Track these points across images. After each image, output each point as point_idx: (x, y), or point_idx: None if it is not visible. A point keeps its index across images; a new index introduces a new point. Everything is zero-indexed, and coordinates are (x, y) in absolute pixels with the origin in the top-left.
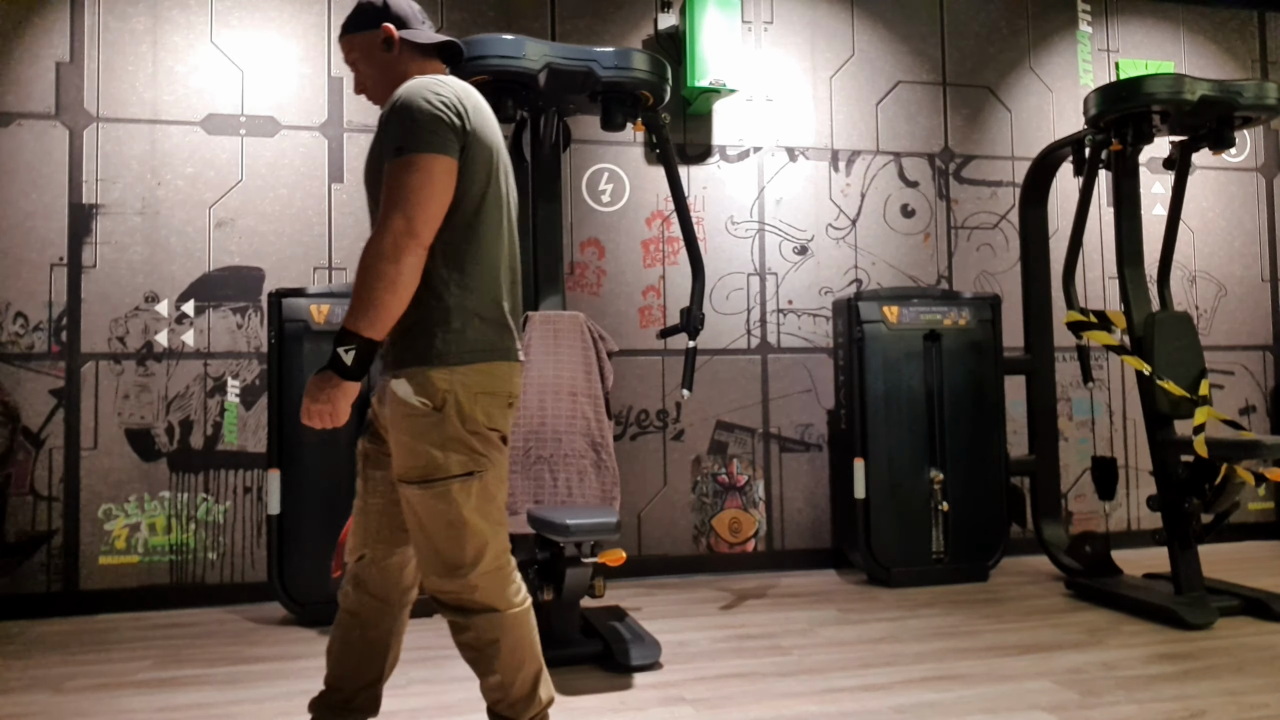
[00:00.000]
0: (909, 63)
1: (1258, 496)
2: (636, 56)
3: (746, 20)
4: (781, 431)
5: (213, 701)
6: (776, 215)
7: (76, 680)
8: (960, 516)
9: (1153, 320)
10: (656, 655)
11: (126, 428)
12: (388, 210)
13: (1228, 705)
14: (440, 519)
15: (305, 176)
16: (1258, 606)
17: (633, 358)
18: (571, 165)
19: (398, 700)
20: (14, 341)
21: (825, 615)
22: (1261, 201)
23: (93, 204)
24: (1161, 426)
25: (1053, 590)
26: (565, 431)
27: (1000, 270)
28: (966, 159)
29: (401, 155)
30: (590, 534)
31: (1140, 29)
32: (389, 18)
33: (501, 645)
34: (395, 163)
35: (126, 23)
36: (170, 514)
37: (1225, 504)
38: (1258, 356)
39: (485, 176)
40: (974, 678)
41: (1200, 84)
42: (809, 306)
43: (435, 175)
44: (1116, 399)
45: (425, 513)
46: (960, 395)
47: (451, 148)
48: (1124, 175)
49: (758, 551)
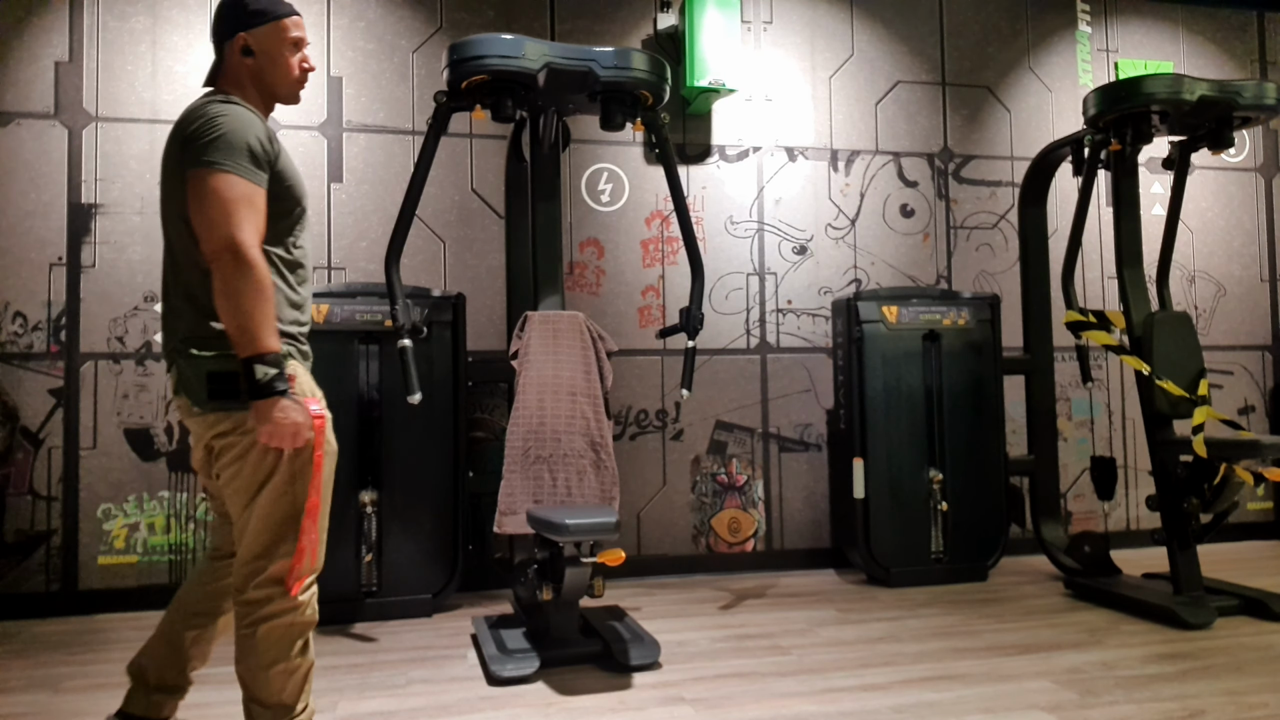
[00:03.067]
0: (908, 63)
1: (1256, 496)
2: (636, 56)
3: (746, 20)
4: (781, 431)
5: (212, 701)
6: (776, 215)
7: (76, 680)
8: (959, 516)
9: (1152, 320)
10: (656, 655)
11: (125, 427)
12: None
13: (1226, 705)
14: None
15: (304, 176)
16: (1257, 606)
17: (632, 358)
18: (571, 165)
19: (397, 700)
20: (13, 341)
21: (824, 615)
22: (1260, 201)
23: (92, 203)
24: (1160, 426)
25: (1052, 590)
26: (564, 431)
27: (999, 270)
28: (966, 159)
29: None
30: (589, 534)
31: (1139, 29)
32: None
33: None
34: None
35: (126, 22)
36: (169, 514)
37: (1224, 504)
38: (1256, 356)
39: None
40: (973, 677)
41: (1199, 84)
42: (808, 306)
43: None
44: (1115, 399)
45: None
46: (959, 395)
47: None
48: (1123, 175)
49: (757, 551)
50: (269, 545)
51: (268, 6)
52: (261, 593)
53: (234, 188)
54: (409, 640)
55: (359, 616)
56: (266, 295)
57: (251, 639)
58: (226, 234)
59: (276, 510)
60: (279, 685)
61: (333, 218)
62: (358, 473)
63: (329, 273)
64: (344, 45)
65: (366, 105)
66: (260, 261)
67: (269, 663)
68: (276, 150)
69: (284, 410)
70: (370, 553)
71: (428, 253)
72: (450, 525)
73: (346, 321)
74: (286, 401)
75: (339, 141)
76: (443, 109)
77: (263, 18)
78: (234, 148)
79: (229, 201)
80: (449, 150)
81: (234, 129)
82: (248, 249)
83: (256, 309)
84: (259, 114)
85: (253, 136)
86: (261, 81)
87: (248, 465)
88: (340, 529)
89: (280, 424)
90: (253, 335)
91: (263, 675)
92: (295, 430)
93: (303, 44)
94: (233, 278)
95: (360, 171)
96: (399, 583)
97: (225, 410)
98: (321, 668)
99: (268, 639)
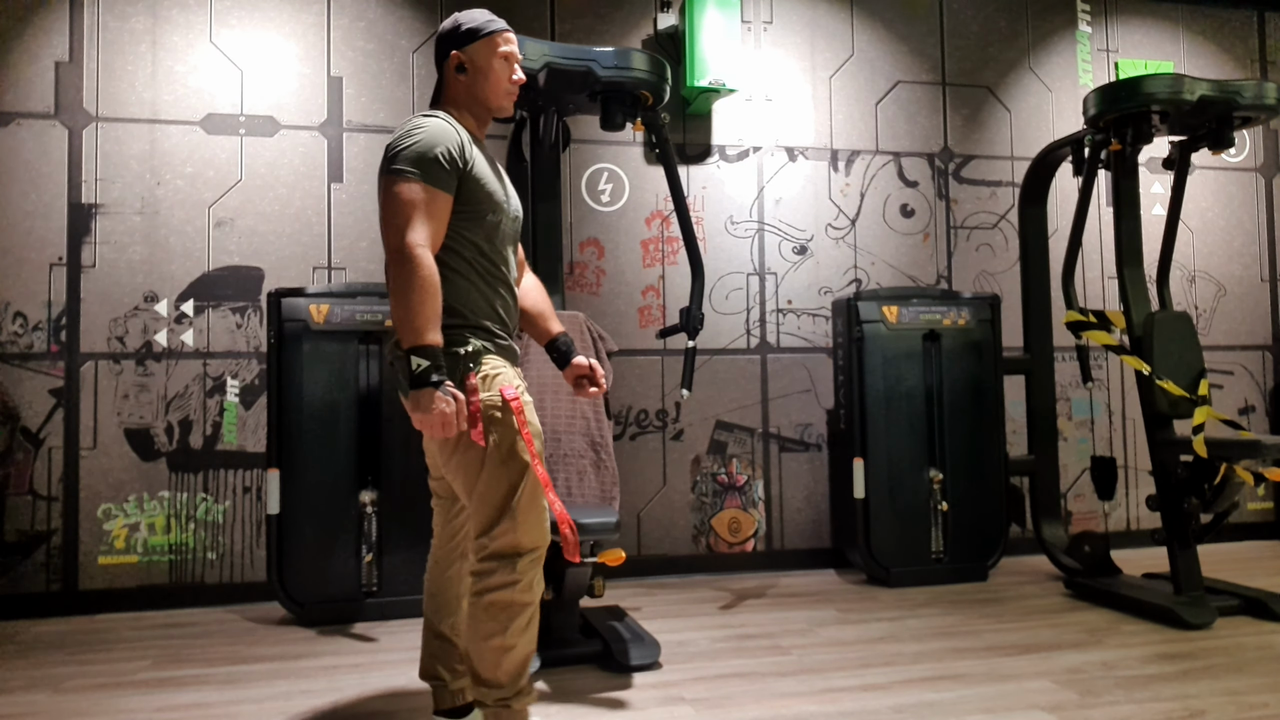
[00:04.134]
0: (908, 63)
1: (1257, 496)
2: (636, 56)
3: (746, 20)
4: (781, 431)
5: (212, 701)
6: (776, 215)
7: (76, 680)
8: (959, 516)
9: (1152, 320)
10: (656, 655)
11: (126, 427)
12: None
13: (1227, 705)
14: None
15: (304, 176)
16: (1257, 606)
17: (632, 357)
18: (571, 165)
19: (397, 700)
20: (13, 341)
21: (825, 615)
22: (1261, 201)
23: (92, 204)
24: (1161, 426)
25: (1052, 590)
26: (565, 431)
27: (1000, 270)
28: (966, 159)
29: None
30: (589, 534)
31: (1140, 29)
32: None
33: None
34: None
35: (126, 22)
36: (169, 514)
37: (1224, 504)
38: (1257, 356)
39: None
40: (973, 677)
41: (1200, 84)
42: (808, 306)
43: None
44: (1116, 399)
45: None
46: (959, 395)
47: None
48: (1123, 175)
49: (757, 551)
50: (491, 521)
51: (480, 25)
52: (486, 565)
53: (412, 193)
54: (409, 640)
55: (359, 616)
56: (429, 293)
57: (476, 610)
58: (399, 235)
59: (492, 491)
60: (494, 660)
61: (333, 218)
62: (358, 473)
63: (329, 273)
64: (344, 45)
65: (367, 105)
66: (427, 261)
67: (487, 634)
68: (471, 159)
69: (435, 401)
70: (370, 553)
71: None
72: None
73: (347, 321)
74: (438, 393)
75: (339, 141)
76: None
77: (475, 35)
78: (422, 157)
79: (404, 205)
80: None
81: (426, 139)
82: (414, 249)
83: (418, 304)
84: (462, 125)
85: (443, 147)
86: (474, 95)
87: (461, 456)
88: (340, 529)
89: (430, 413)
90: (412, 329)
91: (482, 647)
92: (444, 421)
93: (513, 58)
94: (399, 275)
95: (361, 171)
96: (399, 583)
97: None
98: (322, 668)
99: (489, 611)
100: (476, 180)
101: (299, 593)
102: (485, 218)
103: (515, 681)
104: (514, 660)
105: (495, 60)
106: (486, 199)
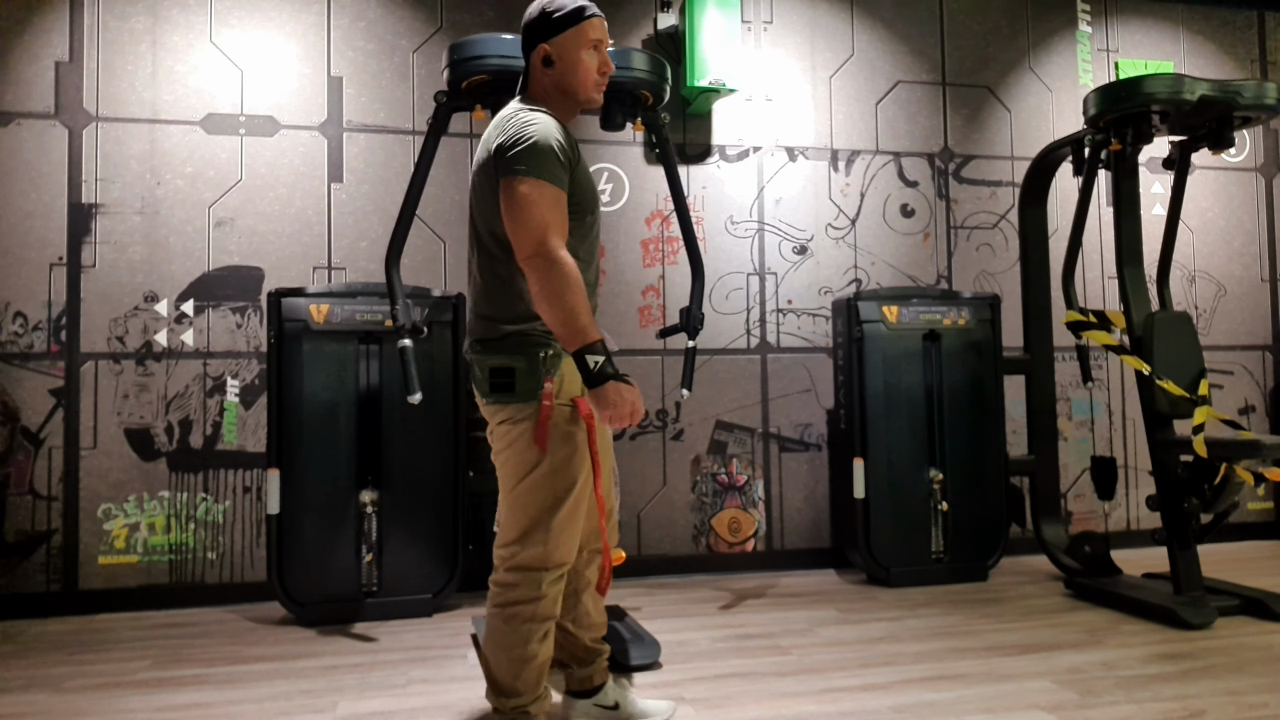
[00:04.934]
0: (909, 62)
1: (1257, 496)
2: (636, 56)
3: (746, 20)
4: (781, 431)
5: (212, 701)
6: (776, 215)
7: (76, 680)
8: (960, 516)
9: (1152, 320)
10: (656, 655)
11: (126, 427)
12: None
13: (1227, 705)
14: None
15: (305, 176)
16: (1257, 606)
17: (632, 357)
18: None
19: (396, 700)
20: (13, 341)
21: (825, 615)
22: (1261, 201)
23: (92, 203)
24: (1161, 426)
25: (1052, 590)
26: None
27: (1000, 270)
28: (966, 159)
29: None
30: None
31: (1140, 29)
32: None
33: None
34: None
35: (126, 22)
36: (169, 514)
37: (1224, 504)
38: (1257, 356)
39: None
40: (973, 677)
41: (1200, 84)
42: (808, 306)
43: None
44: (1116, 399)
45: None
46: (960, 395)
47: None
48: (1123, 175)
49: (757, 551)
50: (525, 532)
51: (569, 14)
52: (510, 577)
53: (543, 193)
54: (409, 640)
55: (359, 616)
56: (580, 290)
57: (496, 621)
58: (538, 238)
59: (534, 500)
60: (514, 671)
61: (333, 218)
62: (358, 473)
63: (329, 273)
64: (344, 45)
65: (367, 105)
66: (568, 260)
67: (508, 646)
68: (576, 156)
69: (619, 392)
70: (370, 553)
71: (428, 253)
72: (450, 525)
73: (347, 321)
74: (621, 384)
75: (339, 141)
76: (443, 109)
77: (564, 25)
78: (541, 154)
79: (539, 206)
80: (449, 150)
81: (541, 136)
82: (556, 249)
83: (575, 306)
84: (560, 121)
85: (555, 143)
86: (563, 88)
87: (514, 453)
88: (340, 529)
89: (618, 405)
90: (575, 329)
91: (501, 656)
92: (633, 409)
93: (603, 46)
94: (547, 278)
95: (360, 171)
96: (399, 583)
97: (503, 403)
98: (322, 668)
99: (511, 624)
100: (579, 178)
101: (299, 593)
102: (584, 217)
103: (534, 689)
104: (534, 669)
105: (584, 52)
106: (585, 197)
